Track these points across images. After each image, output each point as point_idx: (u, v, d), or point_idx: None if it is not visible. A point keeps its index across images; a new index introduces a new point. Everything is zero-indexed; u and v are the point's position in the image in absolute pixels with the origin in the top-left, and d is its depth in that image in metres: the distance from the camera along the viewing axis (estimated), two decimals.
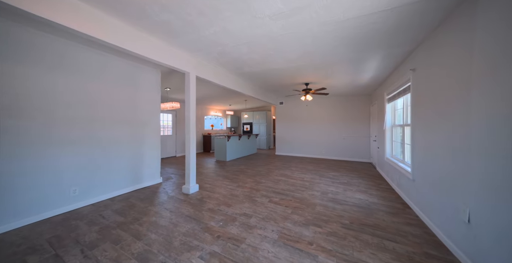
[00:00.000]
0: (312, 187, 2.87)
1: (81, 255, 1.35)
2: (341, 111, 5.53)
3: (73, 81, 2.16)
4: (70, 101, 2.13)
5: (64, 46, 2.09)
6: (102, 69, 2.44)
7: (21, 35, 1.80)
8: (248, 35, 2.03)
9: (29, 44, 1.85)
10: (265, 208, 2.11)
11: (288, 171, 3.93)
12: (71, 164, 2.12)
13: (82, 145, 2.21)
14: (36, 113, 1.88)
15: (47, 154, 1.94)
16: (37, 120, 1.89)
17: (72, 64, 2.16)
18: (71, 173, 2.12)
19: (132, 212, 2.05)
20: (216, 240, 1.52)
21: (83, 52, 2.25)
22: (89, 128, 2.28)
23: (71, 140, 2.13)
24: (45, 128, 1.94)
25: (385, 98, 3.36)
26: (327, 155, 5.68)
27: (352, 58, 2.67)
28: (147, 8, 1.59)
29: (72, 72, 2.15)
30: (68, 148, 2.10)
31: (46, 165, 1.94)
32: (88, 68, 2.30)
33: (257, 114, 8.09)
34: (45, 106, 1.94)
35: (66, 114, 2.09)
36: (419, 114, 2.00)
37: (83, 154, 2.22)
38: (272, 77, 3.76)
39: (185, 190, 2.64)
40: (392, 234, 1.60)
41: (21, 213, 1.77)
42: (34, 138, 1.86)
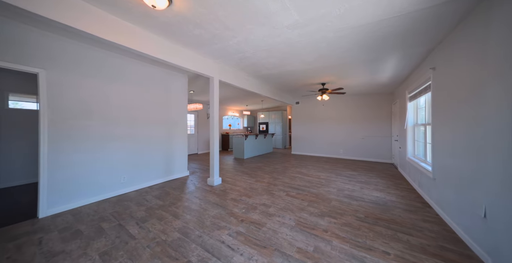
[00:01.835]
0: (328, 184, 2.95)
1: (137, 226, 1.71)
2: (360, 111, 5.40)
3: (121, 88, 2.62)
4: (118, 104, 2.59)
5: (117, 60, 2.56)
6: (143, 77, 2.90)
7: (86, 52, 2.29)
8: (267, 43, 2.25)
9: (93, 60, 2.34)
10: (282, 200, 2.30)
11: (304, 169, 4.03)
12: (120, 156, 2.58)
13: (126, 141, 2.67)
14: (96, 115, 2.36)
15: (104, 148, 2.42)
16: (96, 121, 2.36)
17: (122, 74, 2.62)
18: (120, 164, 2.58)
19: (168, 198, 2.42)
20: (240, 223, 1.76)
21: (130, 64, 2.72)
22: (131, 127, 2.74)
23: (119, 136, 2.59)
24: (102, 127, 2.41)
25: (407, 97, 3.27)
26: (345, 155, 5.59)
27: (366, 60, 2.71)
28: (184, 27, 1.92)
29: (121, 81, 2.62)
30: (117, 144, 2.56)
31: (104, 157, 2.41)
32: (133, 76, 2.76)
33: (273, 114, 8.26)
34: (102, 109, 2.41)
35: (116, 115, 2.56)
36: (439, 113, 1.98)
37: (127, 148, 2.68)
38: (288, 79, 3.92)
39: (210, 182, 2.96)
40: (407, 228, 1.66)
41: (89, 193, 2.25)
42: (96, 135, 2.34)
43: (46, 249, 1.39)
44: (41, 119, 1.92)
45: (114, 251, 1.37)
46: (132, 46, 1.87)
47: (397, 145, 4.09)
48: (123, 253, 1.35)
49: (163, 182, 3.11)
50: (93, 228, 1.68)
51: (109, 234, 1.58)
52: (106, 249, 1.40)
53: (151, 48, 2.04)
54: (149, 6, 1.55)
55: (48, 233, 1.60)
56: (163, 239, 1.51)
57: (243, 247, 1.42)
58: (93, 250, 1.39)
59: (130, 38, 1.85)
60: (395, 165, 4.45)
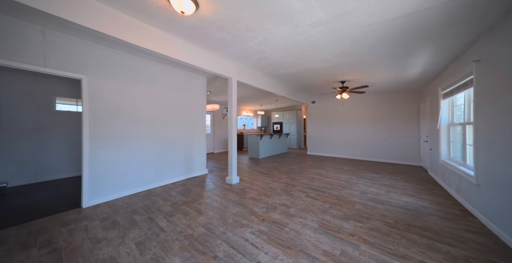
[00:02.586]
0: (350, 186, 2.83)
1: (165, 220, 1.83)
2: (382, 110, 5.07)
3: (146, 90, 2.81)
4: (144, 105, 2.78)
5: (143, 64, 2.76)
6: (166, 79, 3.07)
7: (117, 57, 2.50)
8: (287, 42, 2.23)
9: (122, 64, 2.54)
10: (302, 201, 2.26)
11: (322, 170, 3.92)
12: (147, 154, 2.77)
13: (152, 140, 2.85)
14: (125, 115, 2.55)
15: (133, 146, 2.61)
16: (126, 121, 2.56)
17: (147, 77, 2.81)
18: (147, 161, 2.77)
19: (190, 194, 2.53)
20: (262, 222, 1.78)
21: (154, 67, 2.90)
22: (156, 127, 2.92)
23: (145, 136, 2.78)
24: (130, 127, 2.60)
25: (440, 94, 2.98)
26: (364, 156, 5.29)
27: (393, 56, 2.53)
28: (207, 30, 1.99)
29: (146, 83, 2.81)
30: (144, 142, 2.75)
31: (133, 154, 2.61)
32: (157, 79, 2.94)
33: (287, 113, 8.16)
34: (130, 110, 2.60)
35: (142, 116, 2.75)
36: (483, 111, 1.77)
37: (153, 147, 2.86)
38: (306, 77, 3.83)
39: (228, 181, 3.03)
40: (446, 238, 1.51)
41: (121, 187, 2.46)
42: (125, 134, 2.54)
43: (91, 235, 1.56)
44: (84, 120, 2.15)
45: (147, 242, 1.48)
46: (160, 51, 2.00)
47: (427, 146, 3.75)
48: (155, 244, 1.45)
49: (185, 179, 3.27)
50: (127, 219, 1.84)
51: (142, 226, 1.71)
52: (141, 239, 1.51)
53: (176, 52, 2.16)
54: (178, 12, 1.64)
55: (92, 222, 1.78)
56: (190, 233, 1.59)
57: (267, 246, 1.43)
58: (130, 239, 1.51)
59: (158, 43, 1.98)
60: (424, 168, 4.09)
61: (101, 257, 1.31)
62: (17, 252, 1.37)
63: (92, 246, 1.42)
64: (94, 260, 1.28)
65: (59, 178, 3.37)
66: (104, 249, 1.39)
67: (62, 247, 1.41)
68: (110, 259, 1.29)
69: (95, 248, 1.40)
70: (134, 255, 1.33)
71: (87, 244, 1.44)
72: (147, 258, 1.30)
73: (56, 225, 1.72)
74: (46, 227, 1.69)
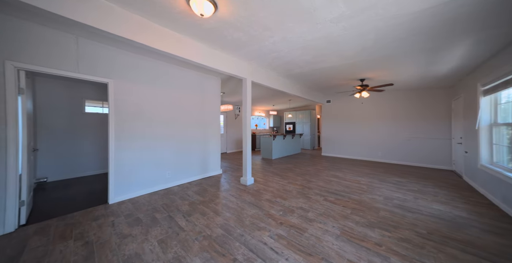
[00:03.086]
0: (372, 191, 2.65)
1: (184, 219, 1.87)
2: (406, 108, 4.69)
3: (164, 92, 2.91)
4: (162, 107, 2.88)
5: (161, 66, 2.86)
6: (182, 81, 3.16)
7: (139, 61, 2.62)
8: (305, 40, 2.14)
9: (143, 68, 2.66)
10: (321, 205, 2.17)
11: (339, 173, 3.74)
12: (165, 154, 2.88)
13: (169, 140, 2.94)
14: (145, 117, 2.66)
15: (152, 146, 2.73)
16: (146, 122, 2.67)
17: (165, 79, 2.91)
18: (165, 161, 2.88)
19: (206, 194, 2.57)
20: (280, 226, 1.73)
21: (171, 69, 3.00)
22: (173, 128, 3.01)
23: (163, 136, 2.88)
24: (149, 128, 2.71)
25: (479, 91, 2.65)
26: (385, 158, 4.95)
27: (423, 49, 2.31)
28: (224, 31, 1.99)
29: (164, 85, 2.91)
30: (162, 143, 2.85)
31: (152, 154, 2.72)
32: (174, 81, 3.03)
33: (300, 113, 7.97)
34: (149, 112, 2.71)
35: (160, 117, 2.85)
36: None
37: (170, 147, 2.96)
38: (321, 76, 3.69)
39: (243, 182, 3.03)
40: (496, 256, 1.32)
41: (142, 185, 2.58)
42: (145, 135, 2.66)
43: (118, 231, 1.65)
44: (110, 121, 2.29)
45: (169, 240, 1.52)
46: (180, 54, 2.06)
47: (461, 148, 3.38)
48: (176, 243, 1.49)
49: (200, 178, 3.34)
50: (149, 217, 1.92)
51: (163, 224, 1.77)
52: (162, 237, 1.56)
53: (194, 54, 2.20)
54: (197, 15, 1.66)
55: (117, 217, 1.89)
56: (208, 234, 1.61)
57: (287, 251, 1.38)
58: (152, 237, 1.57)
59: (179, 47, 2.04)
60: (457, 172, 3.69)
61: (127, 253, 1.37)
62: (58, 242, 1.50)
63: (119, 242, 1.50)
64: (122, 255, 1.34)
65: (88, 174, 3.66)
66: (130, 245, 1.46)
67: (93, 241, 1.51)
68: (136, 256, 1.34)
69: (122, 244, 1.47)
70: (157, 252, 1.38)
71: (114, 239, 1.53)
72: (169, 256, 1.34)
73: (87, 219, 1.85)
74: (79, 221, 1.83)
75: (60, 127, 3.37)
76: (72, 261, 1.29)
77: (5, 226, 1.64)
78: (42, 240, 1.53)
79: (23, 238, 1.57)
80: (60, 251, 1.40)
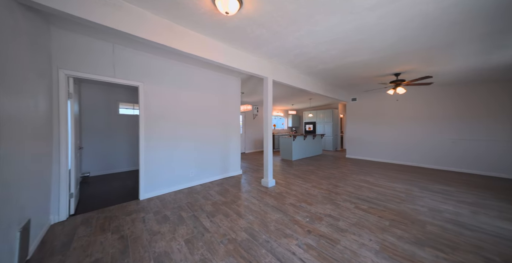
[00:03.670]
0: (412, 201, 2.32)
1: (208, 219, 1.88)
2: (450, 106, 4.06)
3: (187, 93, 2.99)
4: (186, 108, 2.96)
5: (183, 68, 2.94)
6: (204, 82, 3.22)
7: (165, 65, 2.74)
8: (334, 32, 1.97)
9: (169, 71, 2.77)
10: (352, 214, 1.97)
11: (369, 177, 3.40)
12: (188, 154, 2.96)
13: (192, 140, 3.02)
14: (170, 118, 2.76)
15: (176, 146, 2.83)
16: (171, 123, 2.77)
17: (187, 81, 2.99)
18: (188, 160, 2.97)
19: (228, 195, 2.57)
20: (307, 234, 1.61)
21: (193, 71, 3.08)
22: (195, 128, 3.08)
23: (187, 136, 2.96)
24: (174, 128, 2.80)
25: None
26: (422, 162, 4.36)
27: (484, 34, 1.91)
28: (247, 29, 1.94)
29: (187, 87, 3.00)
30: (186, 143, 2.94)
31: (177, 153, 2.83)
32: (196, 82, 3.10)
33: (321, 113, 7.57)
34: (174, 113, 2.81)
35: (184, 118, 2.93)
36: None
37: (193, 147, 3.03)
38: (348, 72, 3.40)
39: (264, 183, 2.96)
40: None
41: (168, 183, 2.70)
42: (170, 135, 2.76)
43: (148, 227, 1.73)
44: (141, 122, 2.44)
45: (195, 241, 1.53)
46: (203, 55, 2.07)
47: None
48: (202, 244, 1.48)
49: (221, 178, 3.38)
50: (175, 215, 1.98)
51: (188, 223, 1.80)
52: (189, 237, 1.58)
53: (216, 55, 2.20)
54: (222, 14, 1.64)
55: (147, 214, 1.99)
56: (233, 237, 1.57)
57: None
58: (179, 236, 1.60)
59: (202, 48, 2.05)
60: None
61: (157, 250, 1.41)
62: (99, 233, 1.63)
63: (150, 238, 1.56)
64: (152, 252, 1.39)
65: (122, 171, 4.02)
66: (159, 242, 1.51)
67: (127, 235, 1.60)
68: (165, 254, 1.37)
69: (152, 241, 1.53)
70: (184, 253, 1.39)
71: (145, 235, 1.60)
72: (196, 258, 1.33)
73: (122, 214, 2.00)
74: (115, 215, 1.98)
75: (99, 128, 3.75)
76: (110, 254, 1.38)
77: (60, 214, 1.86)
78: (87, 230, 1.69)
79: (73, 226, 1.75)
80: (100, 242, 1.51)
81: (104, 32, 1.97)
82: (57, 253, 1.38)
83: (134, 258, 1.34)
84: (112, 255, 1.37)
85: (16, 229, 1.19)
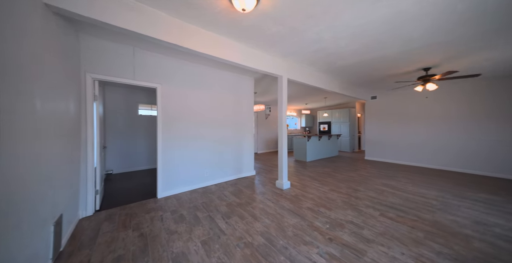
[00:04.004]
0: (448, 210, 2.06)
1: (223, 221, 1.86)
2: (492, 102, 3.57)
3: (201, 94, 3.01)
4: (200, 108, 2.98)
5: (197, 69, 2.97)
6: (218, 82, 3.22)
7: (182, 66, 2.78)
8: (357, 25, 1.82)
9: (184, 72, 2.82)
10: (378, 222, 1.80)
11: (393, 181, 3.13)
12: (203, 154, 2.99)
13: (206, 140, 3.04)
14: (185, 118, 2.79)
15: (193, 146, 2.87)
16: (187, 123, 2.81)
17: (202, 82, 3.01)
18: (203, 160, 2.99)
19: (242, 196, 2.53)
20: (329, 242, 1.50)
21: (208, 71, 3.09)
22: (210, 128, 3.09)
23: (202, 137, 2.98)
24: (192, 128, 2.85)
25: None
26: (455, 166, 3.91)
27: None
28: (263, 26, 1.87)
29: (202, 88, 3.02)
30: (200, 143, 2.96)
31: (192, 153, 2.86)
32: (210, 82, 3.11)
33: (337, 112, 7.23)
34: (188, 113, 2.83)
35: (198, 118, 2.96)
36: None
37: (208, 147, 3.05)
38: (370, 68, 3.16)
39: (278, 185, 2.87)
40: None
41: (184, 183, 2.75)
42: (186, 135, 2.80)
43: (166, 226, 1.76)
44: (158, 123, 2.51)
45: (211, 243, 1.51)
46: (218, 55, 2.05)
47: None
48: (218, 247, 1.46)
49: (235, 179, 3.36)
50: (191, 215, 1.99)
51: (204, 224, 1.79)
52: (205, 238, 1.57)
53: (231, 54, 2.17)
54: (238, 11, 1.60)
55: (165, 212, 2.04)
56: (249, 241, 1.52)
57: None
58: (196, 236, 1.60)
59: (217, 48, 2.04)
60: None
61: (175, 251, 1.42)
62: (121, 230, 1.70)
63: (168, 237, 1.58)
64: (170, 252, 1.39)
65: (141, 169, 4.22)
66: (177, 242, 1.51)
67: (147, 233, 1.64)
68: (183, 255, 1.37)
69: (170, 240, 1.54)
70: (201, 255, 1.37)
71: (163, 235, 1.62)
72: (213, 261, 1.30)
73: (141, 211, 2.06)
74: (135, 212, 2.05)
75: (120, 128, 3.98)
76: (131, 251, 1.42)
77: (87, 210, 1.98)
78: (110, 226, 1.76)
79: (98, 222, 1.84)
80: (122, 239, 1.57)
81: (127, 36, 2.05)
82: (85, 247, 1.46)
83: (153, 257, 1.35)
84: (133, 252, 1.40)
85: (50, 223, 1.27)
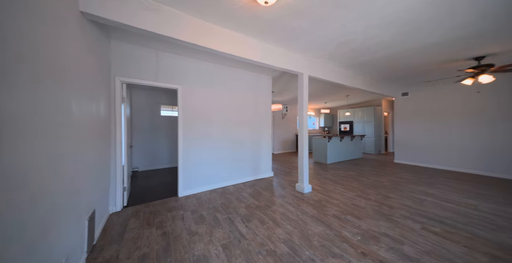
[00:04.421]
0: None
1: (243, 224, 1.79)
2: None
3: (220, 94, 3.00)
4: (218, 108, 2.96)
5: (218, 69, 2.97)
6: (237, 82, 3.19)
7: (200, 67, 2.81)
8: (390, 12, 1.59)
9: (202, 72, 2.84)
10: (420, 237, 1.55)
11: (432, 189, 2.73)
12: (221, 154, 2.98)
13: (225, 140, 3.02)
14: (203, 118, 2.79)
15: (213, 146, 2.88)
16: (207, 123, 2.82)
17: (220, 81, 3.00)
18: (222, 160, 2.99)
19: (261, 198, 2.45)
20: (362, 257, 1.32)
21: (226, 71, 3.07)
22: (228, 128, 3.06)
23: (220, 137, 2.97)
24: (210, 128, 2.85)
25: None
26: (508, 173, 3.27)
27: None
28: (284, 20, 1.76)
29: (220, 88, 3.01)
30: (219, 143, 2.94)
31: (211, 153, 2.86)
32: (228, 82, 3.08)
33: (360, 111, 6.71)
34: (206, 113, 2.83)
35: (216, 118, 2.94)
36: None
37: (226, 147, 3.03)
38: (401, 61, 2.83)
39: (299, 189, 2.72)
40: None
41: (203, 182, 2.77)
42: (204, 135, 2.81)
43: (187, 226, 1.76)
44: (179, 123, 2.57)
45: (232, 247, 1.45)
46: (237, 53, 2.01)
47: None
48: (240, 253, 1.39)
49: (252, 180, 3.30)
50: (211, 216, 1.97)
51: (224, 226, 1.75)
52: (226, 242, 1.52)
53: (250, 53, 2.11)
54: (260, 5, 1.52)
55: (186, 212, 2.06)
56: (272, 249, 1.43)
57: None
58: (216, 239, 1.56)
59: (235, 46, 1.99)
60: None
61: (196, 253, 1.39)
62: (145, 227, 1.75)
63: (189, 238, 1.57)
64: (192, 255, 1.37)
65: (163, 167, 4.43)
66: (198, 244, 1.49)
67: (169, 232, 1.66)
68: (204, 258, 1.34)
69: (191, 241, 1.53)
70: (222, 260, 1.32)
71: (185, 235, 1.62)
72: None
73: (164, 209, 2.12)
74: (158, 210, 2.11)
75: (144, 128, 4.23)
76: (155, 250, 1.43)
77: (116, 205, 2.11)
78: (136, 223, 1.83)
79: (125, 217, 1.94)
80: (147, 236, 1.60)
81: (150, 40, 2.12)
82: (114, 243, 1.52)
83: (176, 258, 1.34)
84: (157, 251, 1.41)
85: (85, 218, 1.35)
